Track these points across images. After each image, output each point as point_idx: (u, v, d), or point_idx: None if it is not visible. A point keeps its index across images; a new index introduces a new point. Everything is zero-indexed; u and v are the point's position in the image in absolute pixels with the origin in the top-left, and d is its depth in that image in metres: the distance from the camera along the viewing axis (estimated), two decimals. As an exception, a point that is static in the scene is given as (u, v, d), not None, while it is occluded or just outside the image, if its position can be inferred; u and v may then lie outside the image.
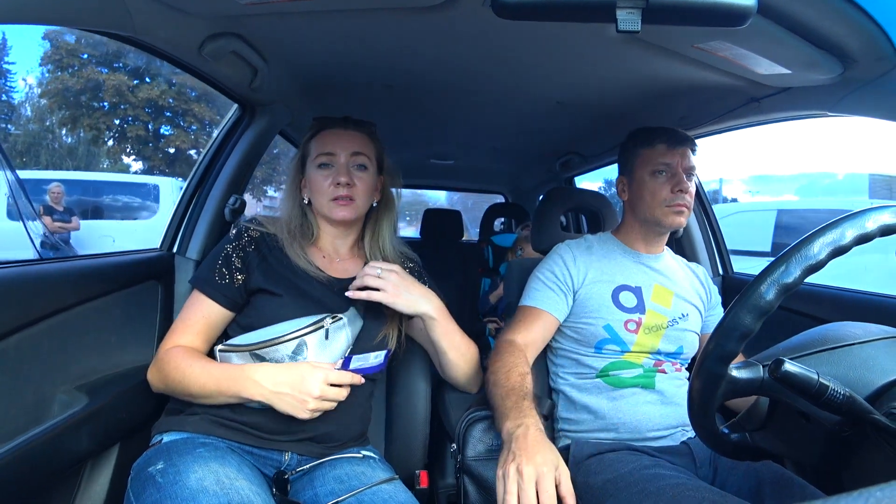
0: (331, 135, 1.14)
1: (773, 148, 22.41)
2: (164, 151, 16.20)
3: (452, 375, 1.18)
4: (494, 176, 3.40)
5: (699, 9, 0.68)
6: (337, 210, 1.11)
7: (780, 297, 0.60)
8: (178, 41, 0.99)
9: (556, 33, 1.00)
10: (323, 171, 1.12)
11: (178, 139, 15.92)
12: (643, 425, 1.13)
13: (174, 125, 16.24)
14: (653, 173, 1.22)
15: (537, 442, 0.86)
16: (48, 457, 0.90)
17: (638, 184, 1.25)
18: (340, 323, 1.03)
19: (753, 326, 0.61)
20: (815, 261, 0.60)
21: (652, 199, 1.22)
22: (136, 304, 1.21)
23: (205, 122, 16.10)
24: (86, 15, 0.78)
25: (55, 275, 1.01)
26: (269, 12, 0.94)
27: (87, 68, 13.70)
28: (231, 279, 1.06)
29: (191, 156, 16.21)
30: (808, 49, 0.88)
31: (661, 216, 1.21)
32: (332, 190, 1.10)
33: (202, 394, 0.97)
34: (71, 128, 14.56)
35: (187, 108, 15.97)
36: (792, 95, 1.13)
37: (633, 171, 1.27)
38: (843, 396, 0.56)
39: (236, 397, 0.95)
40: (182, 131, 16.19)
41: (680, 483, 0.88)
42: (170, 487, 0.82)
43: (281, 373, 0.93)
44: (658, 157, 1.22)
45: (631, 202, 1.29)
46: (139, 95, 14.69)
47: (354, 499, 0.96)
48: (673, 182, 1.20)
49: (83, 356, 1.05)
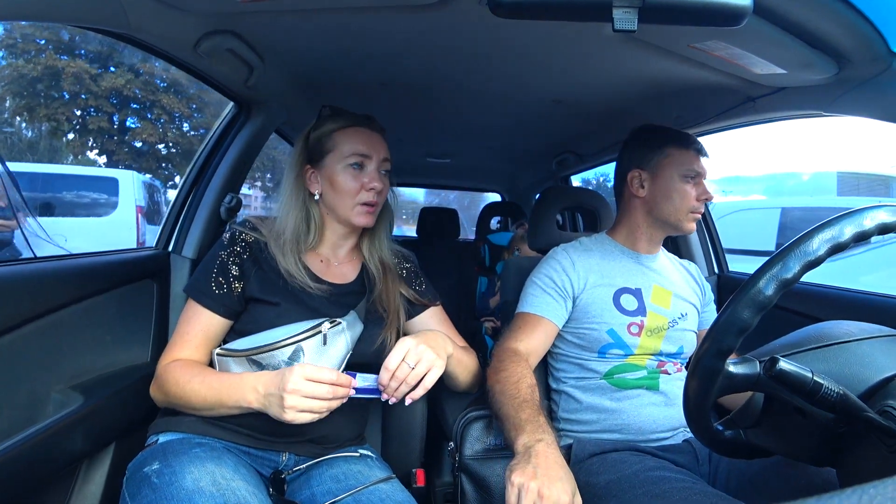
0: (363, 134, 1.09)
1: (744, 150, 23.10)
2: (130, 145, 15.21)
3: (455, 386, 1.17)
4: (491, 174, 3.40)
5: (695, 8, 0.69)
6: (363, 216, 1.08)
7: (779, 292, 0.60)
8: (173, 38, 0.98)
9: (553, 32, 1.00)
10: (354, 172, 1.07)
11: (146, 132, 14.87)
12: (647, 427, 1.13)
13: (141, 117, 14.87)
14: (684, 177, 1.21)
15: (558, 465, 0.85)
16: (43, 457, 0.90)
17: (665, 182, 1.22)
18: (339, 328, 1.01)
19: (752, 321, 0.61)
20: (813, 257, 0.60)
21: (681, 202, 1.21)
22: (131, 303, 1.21)
23: (174, 114, 15.17)
24: (81, 12, 0.78)
25: (50, 273, 1.00)
26: (264, 10, 0.93)
27: (44, 55, 12.62)
28: (229, 288, 1.02)
29: (159, 150, 15.44)
30: (803, 49, 0.88)
31: (684, 221, 1.22)
32: (362, 194, 1.07)
33: (205, 406, 0.95)
34: (28, 119, 13.32)
35: (155, 100, 14.63)
36: (787, 95, 1.13)
37: (658, 168, 1.23)
38: (837, 394, 0.57)
39: (237, 407, 0.93)
40: (149, 124, 14.84)
41: (686, 487, 0.88)
42: (166, 488, 0.81)
43: (272, 377, 0.90)
44: (692, 163, 1.21)
45: (651, 199, 1.25)
46: (102, 85, 13.38)
47: (352, 498, 0.96)
48: (699, 190, 1.21)
49: (78, 355, 1.05)
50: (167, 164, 16.35)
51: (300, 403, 0.85)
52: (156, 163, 15.86)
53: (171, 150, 16.17)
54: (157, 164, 15.92)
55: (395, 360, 0.93)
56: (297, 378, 0.85)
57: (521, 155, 2.50)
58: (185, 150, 15.46)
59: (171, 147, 16.20)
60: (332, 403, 0.88)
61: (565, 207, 1.69)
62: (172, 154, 16.10)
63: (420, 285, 1.24)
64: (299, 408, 0.85)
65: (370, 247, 1.19)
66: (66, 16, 0.77)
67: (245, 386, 0.91)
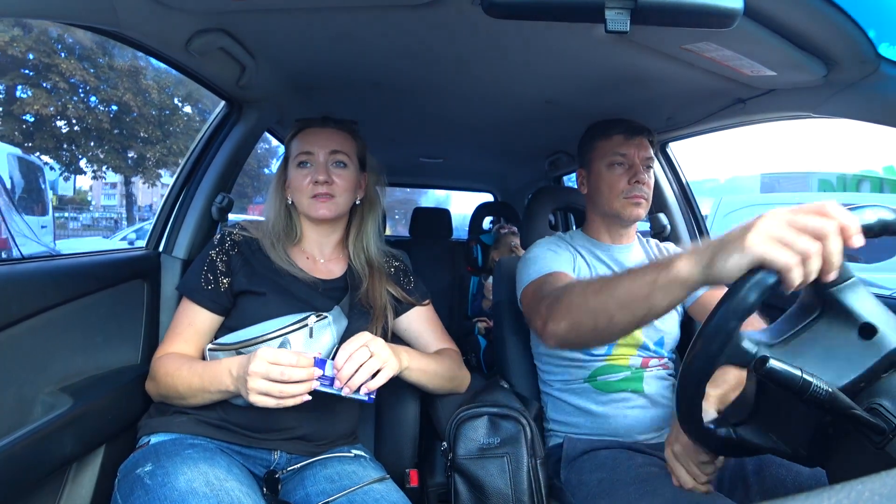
0: (310, 134, 1.15)
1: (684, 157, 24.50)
2: (19, 119, 12.96)
3: (436, 393, 1.20)
4: (484, 175, 3.40)
5: (687, 10, 0.69)
6: (317, 207, 1.11)
7: (763, 296, 0.61)
8: (164, 37, 0.97)
9: (545, 32, 1.00)
10: (302, 170, 1.12)
11: (39, 103, 12.65)
12: (634, 429, 1.14)
13: (34, 85, 12.79)
14: (610, 165, 1.21)
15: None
16: (31, 460, 0.88)
17: (596, 176, 1.24)
18: (325, 322, 1.03)
19: (738, 326, 0.62)
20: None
21: (610, 191, 1.21)
22: (121, 303, 1.19)
23: (77, 84, 12.89)
24: (70, 10, 0.77)
25: (39, 273, 0.99)
26: (256, 8, 0.93)
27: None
28: (217, 284, 1.06)
29: (57, 126, 13.07)
30: (792, 51, 0.89)
31: (620, 208, 1.20)
32: (311, 188, 1.11)
33: (191, 393, 0.96)
34: None
35: (51, 63, 12.44)
36: (777, 97, 1.14)
37: (591, 163, 1.26)
38: (826, 392, 0.57)
39: (218, 391, 0.94)
40: (44, 93, 12.74)
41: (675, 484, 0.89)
42: (159, 489, 0.81)
43: (243, 360, 0.90)
44: (615, 148, 1.21)
45: (590, 195, 1.28)
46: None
47: (346, 498, 0.96)
48: (630, 174, 1.19)
49: (67, 356, 1.04)
50: (69, 144, 13.65)
51: (260, 385, 0.85)
52: (53, 140, 13.40)
53: (72, 128, 13.46)
54: (56, 141, 13.50)
55: (355, 344, 0.94)
56: (260, 360, 0.86)
57: (514, 155, 2.51)
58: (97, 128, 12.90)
59: (73, 124, 13.48)
60: (291, 388, 0.87)
61: (557, 207, 1.70)
62: (75, 133, 13.37)
63: (409, 284, 1.24)
64: (259, 390, 0.86)
65: (355, 243, 1.21)
66: (55, 13, 0.76)
67: (223, 370, 0.93)
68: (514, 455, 1.09)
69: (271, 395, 0.86)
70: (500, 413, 1.14)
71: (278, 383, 0.86)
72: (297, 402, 0.87)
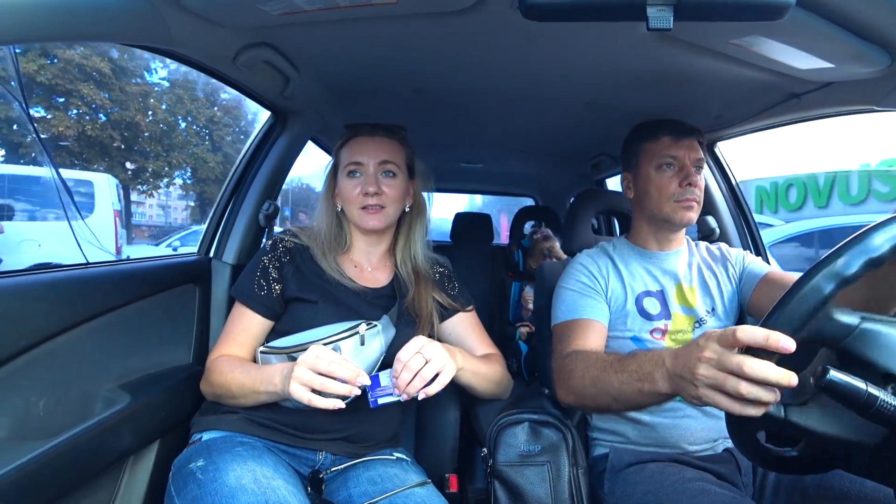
0: (359, 143, 1.15)
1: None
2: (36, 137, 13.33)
3: (478, 396, 1.18)
4: (524, 179, 3.36)
5: (733, 3, 0.66)
6: (367, 219, 1.12)
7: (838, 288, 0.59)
8: (213, 52, 1.02)
9: (585, 33, 0.99)
10: (352, 180, 1.13)
11: (62, 124, 12.95)
12: (684, 440, 1.09)
13: (51, 107, 13.11)
14: (659, 167, 1.16)
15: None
16: (93, 452, 0.94)
17: (643, 179, 1.19)
18: (375, 330, 1.04)
19: None
20: (877, 254, 0.58)
21: (659, 194, 1.16)
22: (174, 306, 1.26)
23: (94, 106, 13.21)
24: (126, 31, 0.82)
25: (100, 278, 1.06)
26: (299, 22, 0.96)
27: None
28: (269, 290, 1.09)
29: (67, 146, 13.07)
30: (852, 41, 0.84)
31: (671, 212, 1.15)
32: (361, 199, 1.11)
33: (242, 393, 0.99)
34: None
35: (73, 89, 13.02)
36: (835, 90, 1.08)
37: (638, 166, 1.21)
38: (894, 408, 0.53)
39: (266, 392, 0.96)
40: (62, 114, 13.07)
41: (727, 501, 0.85)
42: (210, 484, 0.85)
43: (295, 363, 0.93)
44: (663, 150, 1.16)
45: (637, 200, 1.23)
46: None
47: (387, 501, 0.97)
48: (681, 175, 1.14)
49: (125, 356, 1.10)
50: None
51: (303, 374, 0.88)
52: (69, 158, 13.61)
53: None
54: (72, 160, 13.63)
55: (409, 352, 0.94)
56: (310, 352, 0.91)
57: (555, 158, 2.47)
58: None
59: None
60: (332, 384, 0.88)
61: (600, 211, 1.66)
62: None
63: (453, 289, 1.24)
64: (301, 379, 0.88)
65: (403, 251, 1.21)
66: (113, 35, 0.81)
67: (275, 371, 0.96)
68: (555, 463, 1.07)
69: (311, 385, 0.88)
70: (540, 420, 1.12)
71: (321, 376, 0.88)
72: (328, 406, 0.88)
